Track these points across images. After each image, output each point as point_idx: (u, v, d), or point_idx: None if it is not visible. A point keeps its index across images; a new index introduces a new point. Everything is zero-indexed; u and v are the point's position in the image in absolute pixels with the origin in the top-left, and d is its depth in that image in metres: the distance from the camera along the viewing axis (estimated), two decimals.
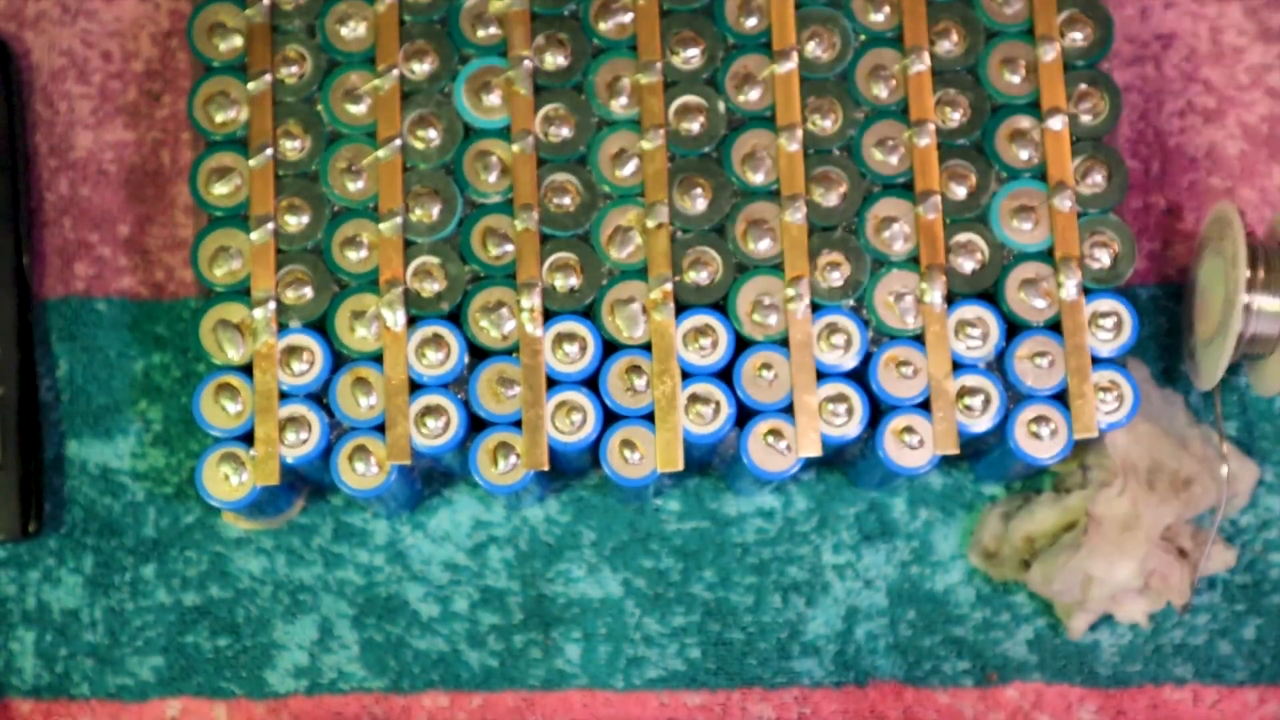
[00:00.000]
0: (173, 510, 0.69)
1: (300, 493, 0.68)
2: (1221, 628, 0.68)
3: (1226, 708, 0.68)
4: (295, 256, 0.64)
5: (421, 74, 0.65)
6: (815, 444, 0.62)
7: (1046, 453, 0.62)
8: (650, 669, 0.68)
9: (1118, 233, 0.64)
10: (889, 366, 0.63)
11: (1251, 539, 0.69)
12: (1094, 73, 0.65)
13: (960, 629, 0.68)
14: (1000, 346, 0.63)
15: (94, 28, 0.73)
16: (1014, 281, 0.63)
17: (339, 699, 0.68)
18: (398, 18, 0.65)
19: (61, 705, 0.68)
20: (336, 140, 0.65)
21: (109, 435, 0.69)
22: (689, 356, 0.63)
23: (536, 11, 0.65)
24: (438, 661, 0.68)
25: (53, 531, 0.69)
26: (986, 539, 0.68)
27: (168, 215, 0.71)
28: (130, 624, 0.68)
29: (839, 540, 0.69)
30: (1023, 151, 0.64)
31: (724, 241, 0.64)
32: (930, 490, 0.69)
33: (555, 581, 0.69)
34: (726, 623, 0.68)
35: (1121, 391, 0.63)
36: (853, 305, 0.63)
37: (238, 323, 0.63)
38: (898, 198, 0.64)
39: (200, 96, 0.65)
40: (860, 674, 0.68)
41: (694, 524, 0.69)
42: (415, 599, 0.68)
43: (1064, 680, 0.68)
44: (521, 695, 0.68)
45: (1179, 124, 0.72)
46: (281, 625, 0.68)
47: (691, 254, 0.64)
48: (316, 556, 0.69)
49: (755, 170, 0.64)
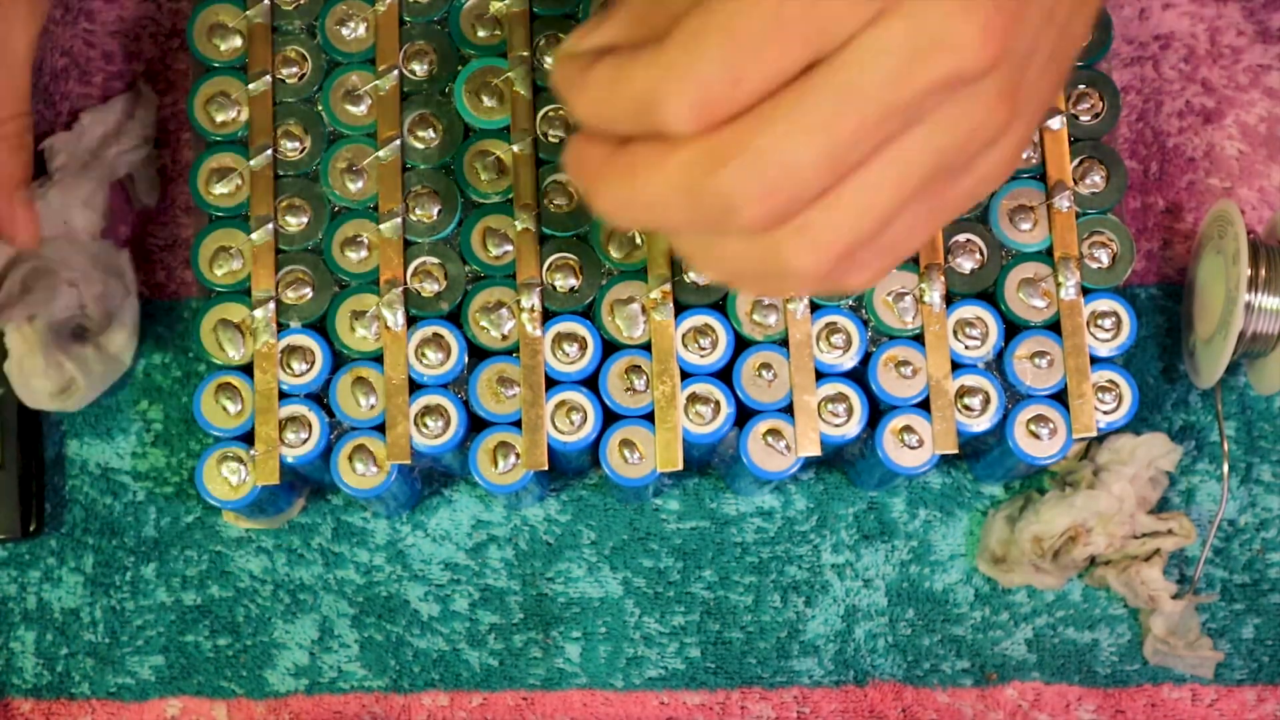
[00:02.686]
0: (173, 510, 0.69)
1: (300, 493, 0.68)
2: (1220, 627, 0.68)
3: (1225, 707, 0.68)
4: (295, 256, 0.64)
5: (421, 74, 0.65)
6: (815, 444, 0.62)
7: (1046, 452, 0.62)
8: (650, 668, 0.68)
9: (1117, 233, 0.64)
10: (888, 366, 0.63)
11: (1250, 539, 0.69)
12: (1093, 73, 0.65)
13: (959, 629, 0.68)
14: (999, 346, 0.63)
15: (94, 28, 0.73)
16: (1013, 281, 0.63)
17: (339, 698, 0.68)
18: (398, 18, 0.65)
19: (61, 705, 0.68)
20: (336, 140, 0.65)
21: (109, 435, 0.69)
22: (688, 356, 0.63)
23: (536, 11, 0.65)
24: (437, 661, 0.68)
25: (53, 531, 0.69)
26: (993, 544, 0.68)
27: (168, 215, 0.71)
28: (130, 623, 0.68)
29: (838, 540, 0.69)
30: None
31: None
32: (929, 490, 0.69)
33: (555, 581, 0.69)
34: (726, 622, 0.68)
35: (1120, 391, 0.63)
36: (852, 305, 0.63)
37: (238, 323, 0.63)
38: None
39: (200, 96, 0.65)
40: (860, 674, 0.68)
41: (694, 524, 0.69)
42: (415, 598, 0.68)
43: (1063, 680, 0.68)
44: (521, 695, 0.68)
45: (1178, 124, 0.72)
46: (281, 625, 0.68)
47: None
48: (316, 556, 0.69)
49: None
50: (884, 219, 0.49)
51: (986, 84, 0.48)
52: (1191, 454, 0.69)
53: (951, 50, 0.47)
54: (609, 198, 0.49)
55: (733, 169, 0.47)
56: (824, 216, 0.48)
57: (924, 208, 0.50)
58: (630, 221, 0.51)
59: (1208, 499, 0.69)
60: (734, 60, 0.46)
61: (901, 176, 0.48)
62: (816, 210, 0.48)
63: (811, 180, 0.47)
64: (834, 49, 0.47)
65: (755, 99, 0.47)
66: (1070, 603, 0.68)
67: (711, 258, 0.51)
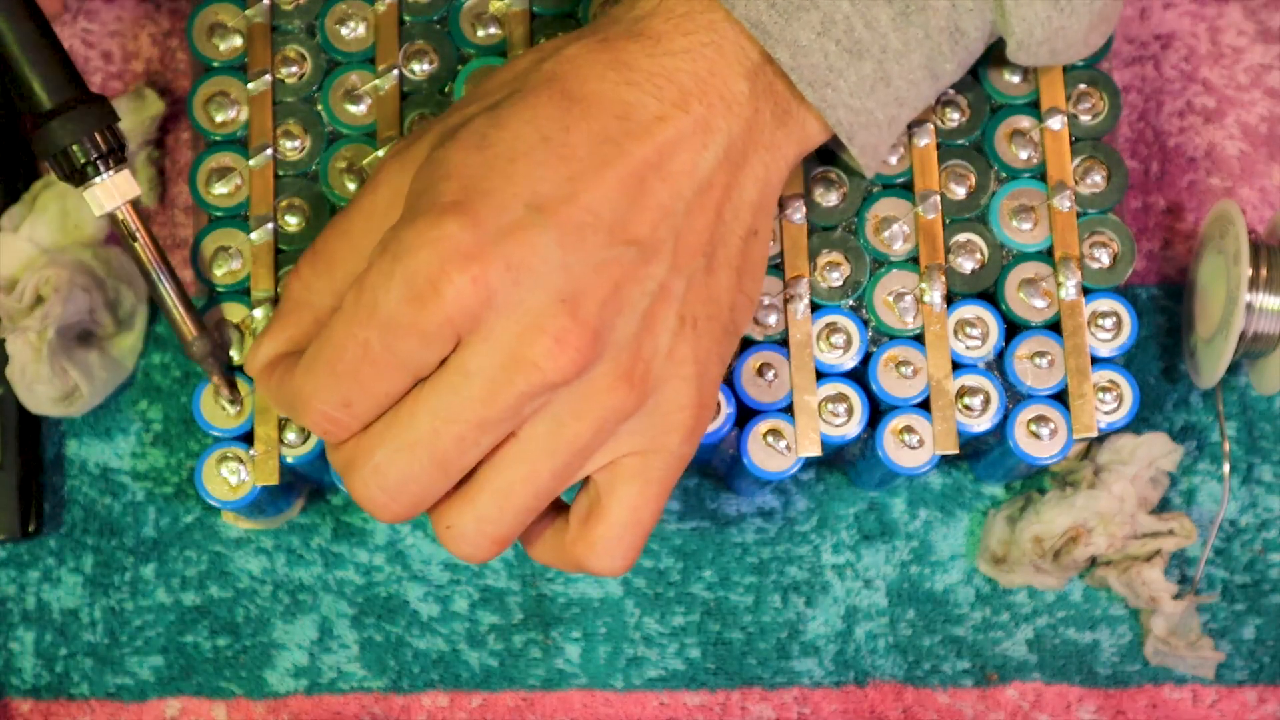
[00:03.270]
0: (173, 510, 0.69)
1: (300, 493, 0.68)
2: (1221, 627, 0.68)
3: (1226, 707, 0.68)
4: (295, 256, 0.64)
5: (421, 74, 0.65)
6: (815, 444, 0.62)
7: (1046, 452, 0.62)
8: (650, 669, 0.68)
9: (1117, 233, 0.64)
10: (889, 366, 0.63)
11: (1251, 539, 0.69)
12: (1093, 73, 0.65)
13: (960, 629, 0.68)
14: (1000, 346, 0.63)
15: (94, 28, 0.73)
16: (1013, 281, 0.63)
17: (339, 699, 0.68)
18: (398, 18, 0.65)
19: (61, 705, 0.68)
20: (336, 140, 0.65)
21: (109, 435, 0.69)
22: None
23: (536, 11, 0.65)
24: (437, 661, 0.68)
25: (53, 531, 0.69)
26: (994, 544, 0.68)
27: (168, 215, 0.71)
28: (130, 624, 0.68)
29: (839, 540, 0.69)
30: (1022, 151, 0.64)
31: None
32: (930, 490, 0.69)
33: (555, 581, 0.69)
34: (726, 623, 0.68)
35: (1121, 391, 0.63)
36: (852, 305, 0.63)
37: (238, 323, 0.63)
38: (897, 197, 0.64)
39: (200, 96, 0.65)
40: (860, 674, 0.68)
41: (694, 524, 0.69)
42: (415, 599, 0.68)
43: (1063, 680, 0.68)
44: (521, 695, 0.68)
45: (1178, 124, 0.72)
46: (281, 625, 0.68)
47: None
48: (316, 556, 0.69)
49: None
50: (525, 506, 0.55)
51: (595, 375, 0.53)
52: (1192, 454, 0.69)
53: (530, 366, 0.52)
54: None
55: (361, 476, 0.54)
56: (464, 515, 0.55)
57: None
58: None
59: (1209, 499, 0.69)
60: (340, 388, 0.54)
61: (531, 471, 0.54)
62: (454, 512, 0.55)
63: (428, 485, 0.54)
64: (429, 371, 0.53)
65: (373, 414, 0.54)
66: (1071, 603, 0.68)
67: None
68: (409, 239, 0.52)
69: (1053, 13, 0.58)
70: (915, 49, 0.57)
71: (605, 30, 0.55)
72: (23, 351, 0.66)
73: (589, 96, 0.54)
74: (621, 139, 0.53)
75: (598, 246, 0.52)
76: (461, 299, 0.51)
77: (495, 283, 0.51)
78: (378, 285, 0.52)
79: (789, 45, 0.55)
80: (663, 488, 0.56)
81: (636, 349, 0.53)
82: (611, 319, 0.53)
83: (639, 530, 0.56)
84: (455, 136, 0.54)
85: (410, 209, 0.53)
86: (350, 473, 0.55)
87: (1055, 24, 0.58)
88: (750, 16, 0.55)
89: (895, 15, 0.56)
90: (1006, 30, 0.58)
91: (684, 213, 0.54)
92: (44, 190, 0.68)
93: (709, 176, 0.54)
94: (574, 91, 0.54)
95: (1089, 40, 0.60)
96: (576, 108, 0.53)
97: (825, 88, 0.56)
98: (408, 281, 0.52)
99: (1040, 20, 0.58)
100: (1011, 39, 0.59)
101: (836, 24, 0.55)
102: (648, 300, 0.54)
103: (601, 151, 0.53)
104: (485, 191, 0.52)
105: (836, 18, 0.55)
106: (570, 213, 0.52)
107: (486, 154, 0.53)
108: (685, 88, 0.54)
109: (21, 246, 0.67)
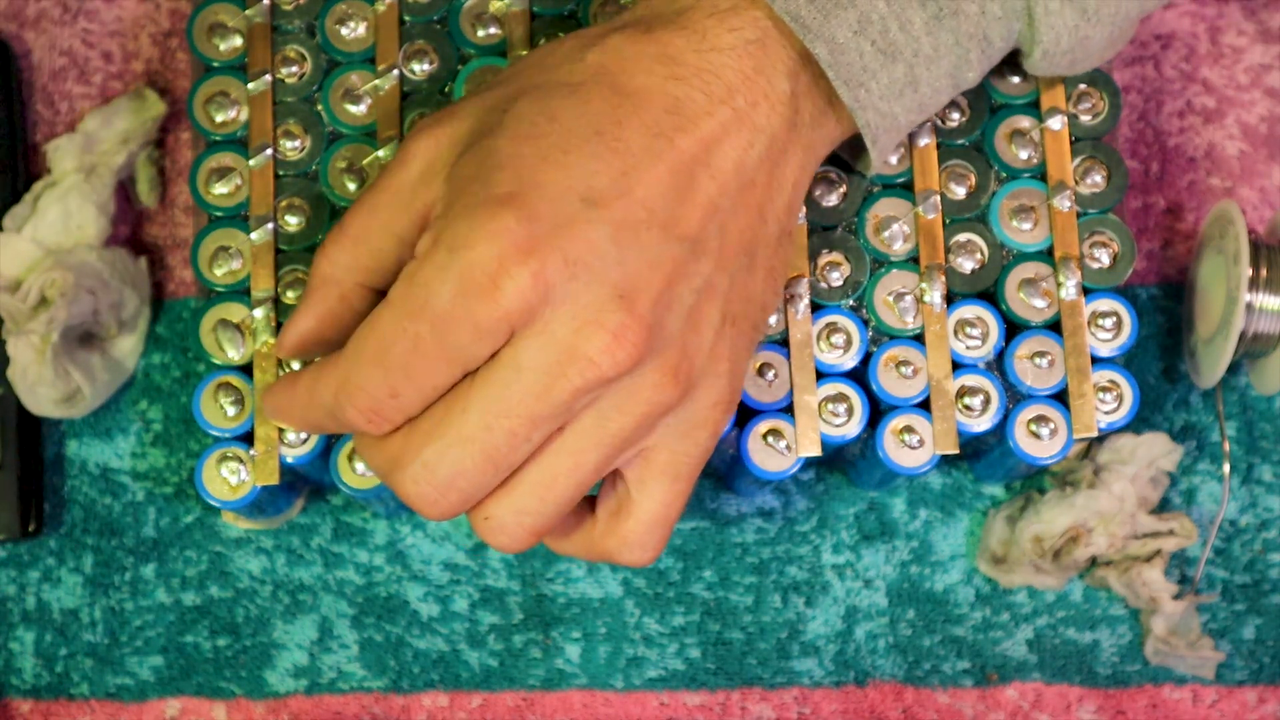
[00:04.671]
0: (173, 510, 0.69)
1: (300, 493, 0.68)
2: (1221, 627, 0.68)
3: (1226, 708, 0.68)
4: (295, 256, 0.64)
5: (421, 74, 0.65)
6: (815, 444, 0.62)
7: (1046, 452, 0.62)
8: (650, 669, 0.68)
9: (1117, 233, 0.64)
10: (889, 366, 0.63)
11: (1251, 539, 0.69)
12: (1093, 73, 0.65)
13: (960, 629, 0.68)
14: (1000, 346, 0.63)
15: (94, 28, 0.73)
16: (1013, 281, 0.63)
17: (339, 699, 0.68)
18: (398, 18, 0.65)
19: (61, 705, 0.68)
20: (336, 140, 0.65)
21: (109, 435, 0.69)
22: None
23: (536, 11, 0.65)
24: (437, 661, 0.68)
25: (53, 531, 0.69)
26: (994, 544, 0.68)
27: (168, 215, 0.71)
28: (130, 624, 0.68)
29: (839, 540, 0.69)
30: (1022, 151, 0.64)
31: None
32: (930, 490, 0.69)
33: (555, 581, 0.69)
34: (726, 623, 0.68)
35: (1121, 391, 0.63)
36: (852, 305, 0.63)
37: (238, 323, 0.63)
38: (897, 197, 0.64)
39: (200, 96, 0.65)
40: (860, 674, 0.68)
41: (694, 524, 0.69)
42: (415, 599, 0.68)
43: (1063, 680, 0.68)
44: (521, 695, 0.68)
45: (1178, 124, 0.72)
46: (281, 625, 0.68)
47: None
48: (316, 556, 0.69)
49: None
50: (565, 498, 0.54)
51: (645, 370, 0.53)
52: (1192, 454, 0.69)
53: (586, 361, 0.51)
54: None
55: (409, 474, 0.53)
56: (502, 506, 0.54)
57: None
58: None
59: (1209, 499, 0.69)
60: (389, 380, 0.53)
61: (575, 464, 0.54)
62: (492, 503, 0.54)
63: (478, 480, 0.53)
64: (480, 364, 0.52)
65: (419, 406, 0.53)
66: (1071, 603, 0.68)
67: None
68: (464, 231, 0.51)
69: (1080, 22, 0.58)
70: (945, 55, 0.57)
71: (648, 21, 0.55)
72: (25, 354, 0.66)
73: (639, 91, 0.53)
74: (672, 133, 0.53)
75: (652, 242, 0.52)
76: (521, 294, 0.51)
77: (553, 278, 0.51)
78: (431, 278, 0.52)
79: (827, 41, 0.55)
80: (689, 483, 0.56)
81: (683, 345, 0.53)
82: (663, 315, 0.53)
83: (668, 524, 0.56)
84: (503, 124, 0.53)
85: (459, 197, 0.53)
86: (397, 470, 0.54)
87: (1082, 33, 0.58)
88: (790, 10, 0.55)
89: (929, 19, 0.56)
90: (1033, 39, 0.58)
91: (730, 210, 0.54)
92: (46, 191, 0.68)
93: (752, 175, 0.54)
94: (624, 85, 0.53)
95: (1105, 53, 0.60)
96: (627, 102, 0.53)
97: (859, 88, 0.56)
98: (464, 275, 0.51)
99: (1069, 29, 0.58)
100: (1037, 48, 0.59)
101: (873, 24, 0.55)
102: (694, 297, 0.53)
103: (654, 146, 0.53)
104: (539, 184, 0.52)
105: (873, 17, 0.55)
106: (625, 207, 0.52)
107: (540, 145, 0.52)
108: (731, 84, 0.54)
109: (25, 247, 0.67)
